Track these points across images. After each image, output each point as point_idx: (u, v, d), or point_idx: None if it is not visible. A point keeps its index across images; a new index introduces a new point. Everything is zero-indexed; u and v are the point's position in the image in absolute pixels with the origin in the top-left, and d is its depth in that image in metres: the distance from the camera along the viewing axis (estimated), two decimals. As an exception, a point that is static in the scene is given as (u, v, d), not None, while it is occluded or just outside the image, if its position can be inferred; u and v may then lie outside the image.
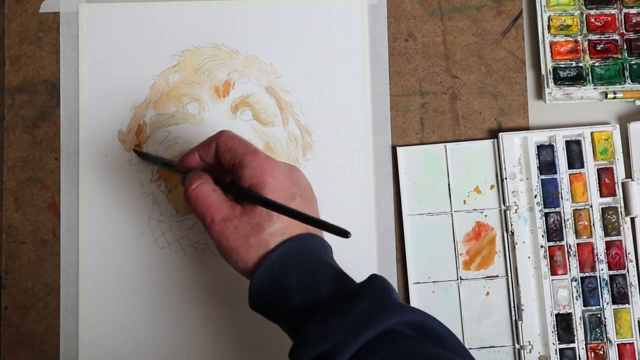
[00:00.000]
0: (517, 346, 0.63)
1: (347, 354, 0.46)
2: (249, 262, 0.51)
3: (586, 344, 0.63)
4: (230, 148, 0.53)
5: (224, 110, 0.65)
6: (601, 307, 0.64)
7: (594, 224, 0.64)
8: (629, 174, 0.65)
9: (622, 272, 0.64)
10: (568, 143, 0.65)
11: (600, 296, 0.64)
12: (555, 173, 0.65)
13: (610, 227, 0.64)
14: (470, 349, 0.63)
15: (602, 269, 0.64)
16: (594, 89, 0.66)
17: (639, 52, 0.66)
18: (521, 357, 0.63)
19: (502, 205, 0.65)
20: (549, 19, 0.66)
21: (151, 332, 0.63)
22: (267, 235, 0.51)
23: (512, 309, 0.64)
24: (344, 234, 0.48)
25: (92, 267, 0.63)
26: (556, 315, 0.63)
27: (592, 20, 0.67)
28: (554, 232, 0.64)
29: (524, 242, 0.64)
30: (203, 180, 0.53)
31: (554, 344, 0.63)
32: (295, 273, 0.50)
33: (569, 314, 0.63)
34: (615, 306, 0.64)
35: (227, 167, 0.54)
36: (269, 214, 0.51)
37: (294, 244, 0.51)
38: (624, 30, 0.67)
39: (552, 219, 0.64)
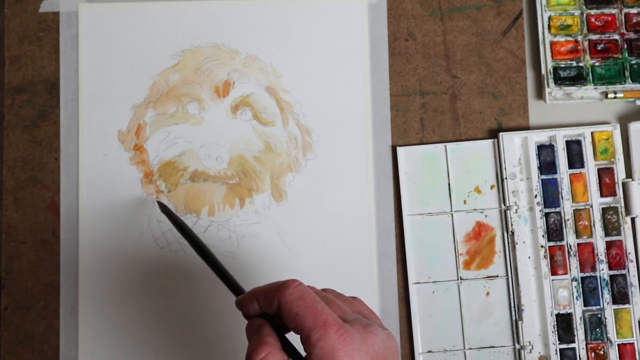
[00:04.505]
0: (517, 346, 0.63)
1: None
2: None
3: (586, 344, 0.63)
4: (295, 315, 0.45)
5: (224, 110, 0.65)
6: (601, 307, 0.64)
7: (594, 224, 0.64)
8: (629, 173, 0.65)
9: (623, 272, 0.64)
10: (568, 143, 0.65)
11: (600, 296, 0.64)
12: (556, 173, 0.65)
13: (610, 227, 0.64)
14: (470, 349, 0.63)
15: (602, 269, 0.64)
16: (594, 88, 0.66)
17: (639, 52, 0.66)
18: (521, 357, 0.63)
19: (502, 205, 0.65)
20: (549, 18, 0.66)
21: (151, 332, 0.63)
22: None
23: (512, 309, 0.64)
24: None
25: (92, 267, 0.63)
26: (556, 315, 0.63)
27: (593, 20, 0.67)
28: (554, 232, 0.64)
29: (524, 242, 0.64)
30: (271, 349, 0.45)
31: (554, 344, 0.63)
32: None
33: (569, 314, 0.63)
34: (616, 306, 0.64)
35: (293, 331, 0.47)
36: None
37: None
38: (625, 30, 0.67)
39: (552, 219, 0.64)
